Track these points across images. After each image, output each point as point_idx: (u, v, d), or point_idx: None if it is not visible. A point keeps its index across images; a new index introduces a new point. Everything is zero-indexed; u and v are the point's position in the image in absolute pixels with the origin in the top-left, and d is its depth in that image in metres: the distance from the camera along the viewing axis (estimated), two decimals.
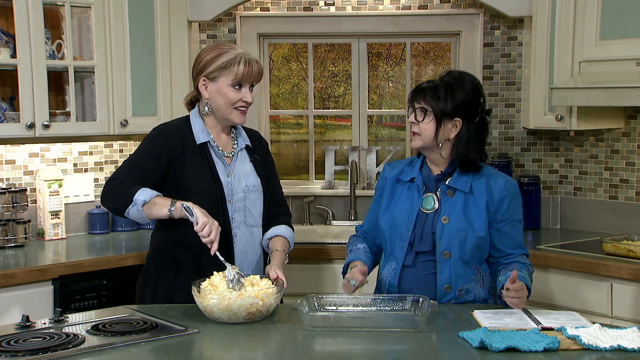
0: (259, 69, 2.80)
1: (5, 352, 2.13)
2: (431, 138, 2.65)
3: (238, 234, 2.84)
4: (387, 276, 2.72)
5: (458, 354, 2.15)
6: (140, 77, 4.00)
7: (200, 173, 2.79)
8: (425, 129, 2.65)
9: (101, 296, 3.51)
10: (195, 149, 2.81)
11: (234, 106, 2.79)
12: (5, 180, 3.91)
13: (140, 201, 2.64)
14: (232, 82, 2.77)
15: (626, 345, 2.13)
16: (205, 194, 2.77)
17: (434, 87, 2.65)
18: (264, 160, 2.97)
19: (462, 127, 2.64)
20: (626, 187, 4.10)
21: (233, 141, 2.91)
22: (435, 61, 4.93)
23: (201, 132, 2.84)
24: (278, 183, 3.04)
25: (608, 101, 3.58)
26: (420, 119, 2.65)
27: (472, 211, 2.65)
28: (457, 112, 2.63)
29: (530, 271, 2.67)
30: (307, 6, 4.47)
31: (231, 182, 2.84)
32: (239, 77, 2.76)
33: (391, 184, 2.79)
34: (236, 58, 2.76)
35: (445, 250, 2.63)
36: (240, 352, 2.21)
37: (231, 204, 2.83)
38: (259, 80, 2.83)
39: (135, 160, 2.79)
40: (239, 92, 2.79)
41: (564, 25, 3.87)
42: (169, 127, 2.87)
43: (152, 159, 2.77)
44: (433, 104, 2.63)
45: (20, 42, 3.59)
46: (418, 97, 2.66)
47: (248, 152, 2.92)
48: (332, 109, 5.08)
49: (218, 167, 2.83)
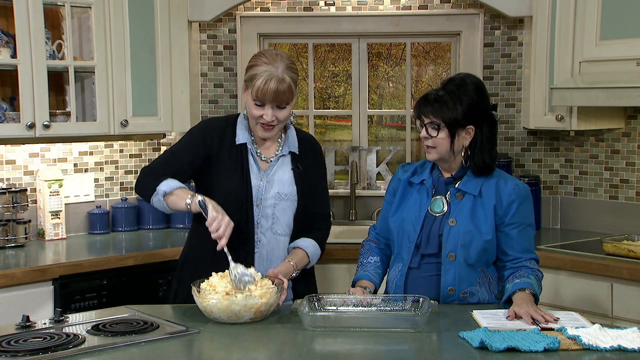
0: (275, 90, 2.63)
1: (6, 352, 2.13)
2: (447, 150, 2.63)
3: (263, 240, 2.79)
4: (393, 277, 2.73)
5: (458, 354, 2.15)
6: (140, 77, 4.00)
7: (231, 174, 2.76)
8: (440, 142, 2.62)
9: (101, 296, 3.51)
10: (232, 148, 2.78)
11: (257, 122, 2.73)
12: (5, 180, 3.91)
13: (161, 191, 2.66)
14: (254, 98, 2.69)
15: (626, 345, 2.13)
16: (231, 195, 2.74)
17: (442, 98, 2.60)
18: (310, 169, 2.86)
19: (475, 133, 2.63)
20: (626, 187, 4.10)
21: (278, 146, 2.84)
22: (436, 61, 4.93)
23: (243, 133, 2.80)
24: (322, 195, 2.91)
25: (608, 101, 3.58)
26: (434, 134, 2.62)
27: (480, 214, 2.64)
28: (468, 119, 2.60)
29: (538, 277, 2.63)
30: (307, 6, 4.47)
31: (262, 187, 2.78)
32: (254, 94, 2.67)
33: (403, 186, 2.78)
34: (260, 74, 2.65)
35: (451, 253, 2.63)
36: (240, 352, 2.21)
37: (259, 208, 2.78)
38: (277, 100, 2.66)
39: (174, 149, 2.82)
40: (261, 109, 2.68)
41: (564, 25, 3.87)
42: (213, 123, 2.85)
43: (189, 151, 2.77)
44: (444, 117, 2.59)
45: (21, 42, 3.60)
46: (426, 110, 2.62)
47: (292, 160, 2.84)
48: (332, 109, 5.08)
49: (252, 170, 2.78)
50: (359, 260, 2.85)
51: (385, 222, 2.83)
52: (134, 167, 4.41)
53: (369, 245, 2.89)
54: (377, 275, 2.78)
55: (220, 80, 4.51)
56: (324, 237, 2.89)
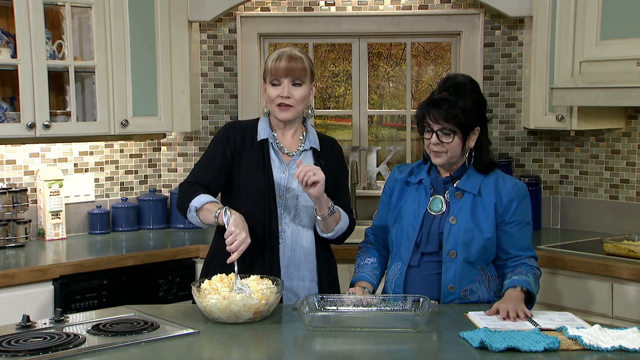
0: (288, 63, 2.76)
1: (6, 352, 2.13)
2: (458, 154, 2.64)
3: (287, 231, 2.83)
4: (393, 276, 2.73)
5: (458, 354, 2.15)
6: (140, 77, 4.00)
7: (253, 168, 2.81)
8: (452, 147, 2.62)
9: (101, 296, 3.51)
10: (254, 145, 2.84)
11: (274, 103, 2.80)
12: (5, 180, 3.91)
13: (193, 207, 2.72)
14: (270, 79, 2.80)
15: (627, 345, 2.13)
16: (253, 188, 2.79)
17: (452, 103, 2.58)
18: (332, 166, 2.89)
19: (481, 132, 2.66)
20: (627, 187, 4.10)
21: (300, 142, 2.89)
22: (436, 61, 4.94)
23: (264, 129, 2.86)
24: (344, 192, 2.95)
25: (608, 101, 3.58)
26: (448, 140, 2.60)
27: (480, 213, 2.64)
28: (475, 120, 2.62)
29: (536, 275, 2.65)
30: (307, 6, 4.47)
31: (285, 179, 2.82)
32: (270, 71, 2.79)
33: (400, 186, 2.78)
34: (273, 55, 2.81)
35: (452, 250, 2.63)
36: (240, 352, 2.21)
37: (281, 199, 2.82)
38: (296, 74, 2.77)
39: (203, 161, 2.87)
40: (277, 88, 2.79)
41: (565, 25, 3.87)
42: (236, 124, 2.97)
43: (217, 157, 2.83)
44: (459, 122, 2.58)
45: (21, 42, 3.60)
46: (437, 116, 2.59)
47: (314, 155, 2.89)
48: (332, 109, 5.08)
49: (274, 163, 2.83)
50: (356, 262, 2.86)
51: (381, 223, 2.83)
52: (134, 167, 4.41)
53: (366, 247, 2.90)
54: (374, 276, 2.79)
55: (221, 80, 4.51)
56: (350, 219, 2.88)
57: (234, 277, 2.50)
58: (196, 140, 4.52)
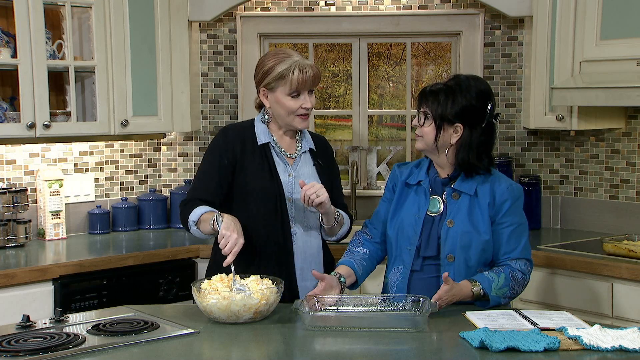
0: (313, 75, 2.81)
1: (6, 352, 2.13)
2: (432, 142, 2.65)
3: (298, 233, 2.85)
4: (394, 280, 2.71)
5: (458, 354, 2.15)
6: (140, 77, 4.00)
7: (259, 173, 2.82)
8: (426, 132, 2.65)
9: (101, 296, 3.51)
10: (255, 149, 2.84)
11: (294, 114, 2.81)
12: (5, 180, 3.91)
13: (192, 222, 2.74)
14: (289, 91, 2.79)
15: (627, 345, 2.13)
16: (263, 193, 2.80)
17: (436, 92, 2.64)
18: (327, 166, 2.96)
19: (464, 133, 2.62)
20: (627, 187, 4.10)
21: (297, 144, 2.92)
22: (436, 61, 4.94)
23: (263, 133, 2.87)
24: (340, 191, 3.03)
25: (608, 101, 3.58)
26: (421, 123, 2.66)
27: (477, 214, 2.63)
28: (457, 118, 2.61)
29: (514, 277, 2.59)
30: (307, 6, 4.47)
31: (292, 182, 2.85)
32: (294, 86, 2.78)
33: (400, 187, 2.78)
34: (290, 67, 2.77)
35: (450, 254, 2.62)
36: (240, 352, 2.21)
37: (290, 201, 2.84)
38: (316, 84, 2.84)
39: (203, 170, 2.86)
40: (298, 99, 2.80)
41: (565, 25, 3.87)
42: (232, 129, 2.92)
43: (217, 166, 2.83)
44: (433, 109, 2.63)
45: (21, 42, 3.60)
46: (422, 100, 2.67)
47: (312, 156, 2.93)
48: (332, 109, 5.08)
49: (279, 166, 2.85)
50: (348, 247, 2.84)
51: (382, 217, 2.81)
52: (134, 167, 4.41)
53: (362, 236, 2.87)
54: (361, 266, 2.75)
55: (221, 80, 4.51)
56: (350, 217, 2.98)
57: (233, 281, 2.50)
58: (196, 140, 4.52)
